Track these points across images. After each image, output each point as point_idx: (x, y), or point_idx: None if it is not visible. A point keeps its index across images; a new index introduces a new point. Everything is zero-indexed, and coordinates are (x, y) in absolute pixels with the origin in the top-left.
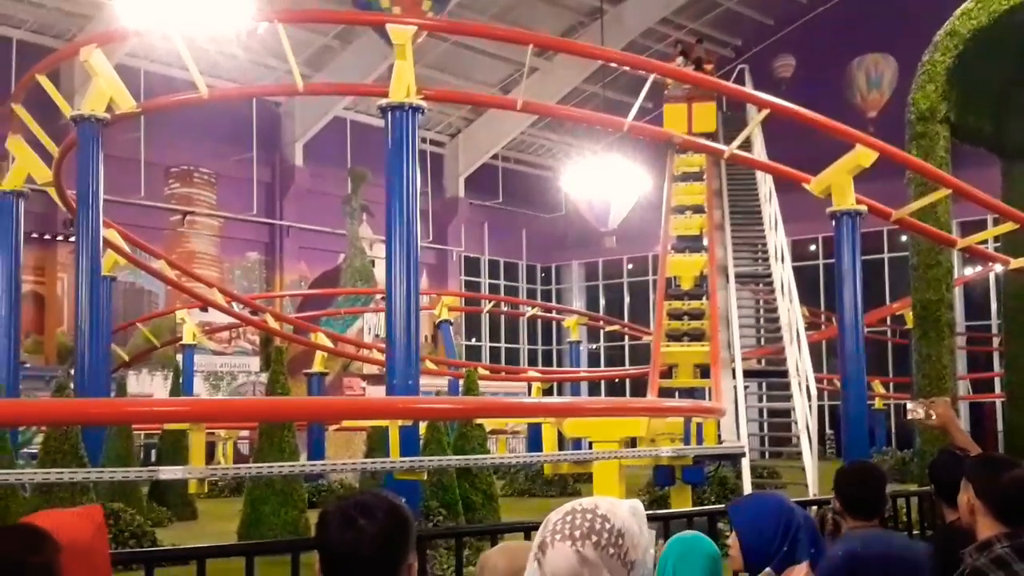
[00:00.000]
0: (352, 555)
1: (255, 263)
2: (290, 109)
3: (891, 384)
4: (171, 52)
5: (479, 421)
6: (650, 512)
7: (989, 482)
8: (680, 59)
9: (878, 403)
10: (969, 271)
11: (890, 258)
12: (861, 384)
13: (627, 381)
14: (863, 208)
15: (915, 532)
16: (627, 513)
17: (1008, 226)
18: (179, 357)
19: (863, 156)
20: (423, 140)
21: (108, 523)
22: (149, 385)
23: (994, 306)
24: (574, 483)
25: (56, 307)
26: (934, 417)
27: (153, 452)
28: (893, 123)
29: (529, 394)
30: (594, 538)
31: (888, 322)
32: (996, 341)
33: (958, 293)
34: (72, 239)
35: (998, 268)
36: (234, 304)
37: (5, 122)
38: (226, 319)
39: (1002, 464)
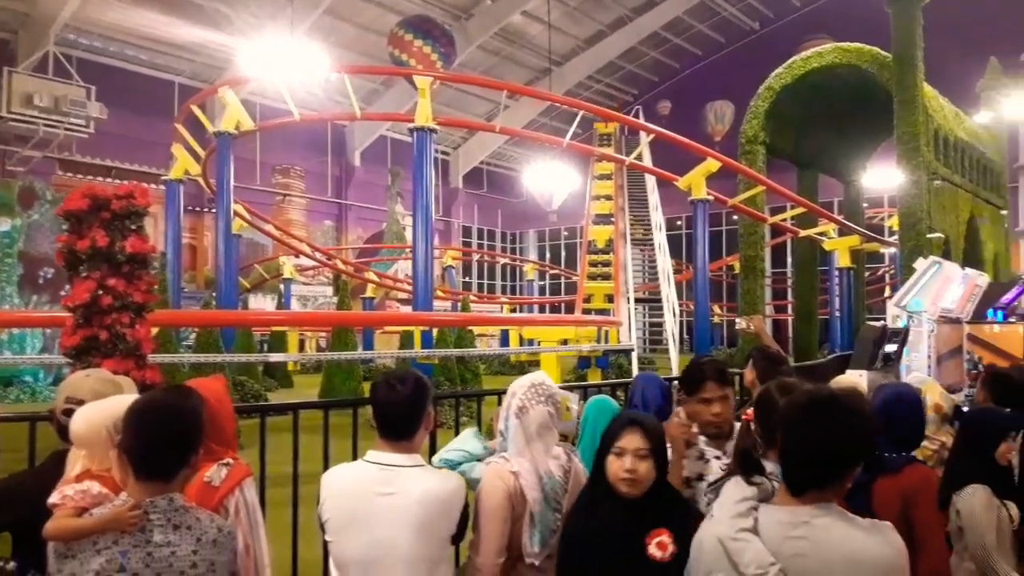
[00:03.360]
0: (393, 407)
1: (329, 228)
2: (351, 129)
3: (724, 307)
4: (276, 91)
5: (470, 328)
6: (576, 384)
7: (764, 367)
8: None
9: (716, 319)
10: (775, 238)
11: (727, 229)
12: (705, 307)
13: (563, 304)
14: (710, 198)
15: (736, 398)
16: (554, 384)
17: (799, 210)
18: (281, 286)
19: (711, 165)
20: (436, 151)
21: (235, 389)
22: (263, 303)
23: (789, 259)
24: (528, 366)
25: (203, 253)
26: (752, 328)
27: (265, 344)
28: (731, 145)
29: (502, 312)
30: (552, 401)
31: (724, 269)
32: (790, 281)
33: (768, 251)
34: (213, 210)
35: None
36: (316, 253)
37: (171, 136)
38: (311, 263)
39: (771, 357)
